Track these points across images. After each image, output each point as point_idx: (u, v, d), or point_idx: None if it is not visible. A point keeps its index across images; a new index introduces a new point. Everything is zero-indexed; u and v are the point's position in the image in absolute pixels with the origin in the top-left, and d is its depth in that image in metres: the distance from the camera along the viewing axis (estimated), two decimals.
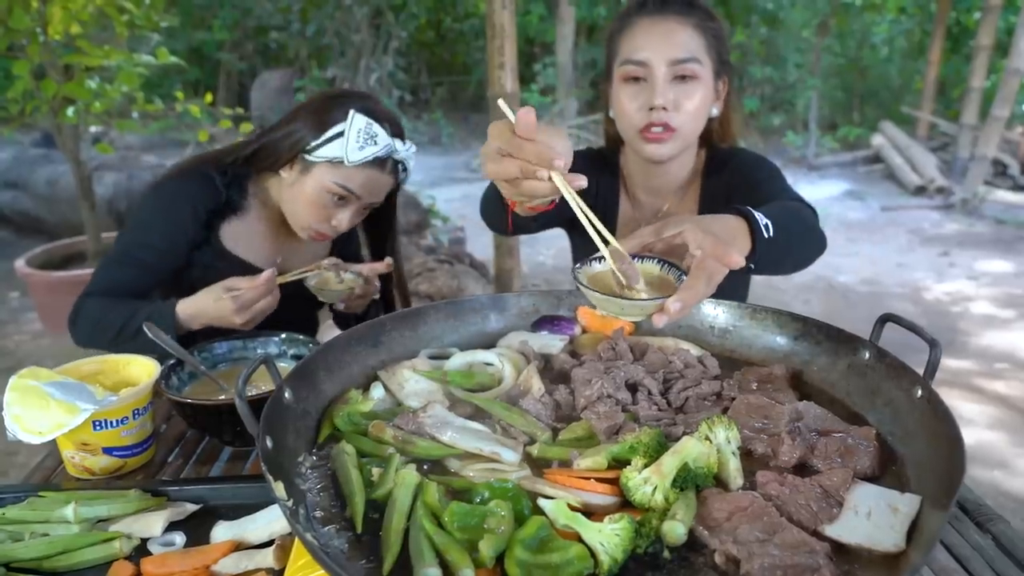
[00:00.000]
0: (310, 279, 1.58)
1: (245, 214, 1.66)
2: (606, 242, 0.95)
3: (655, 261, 1.01)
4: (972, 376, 3.88)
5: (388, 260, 1.63)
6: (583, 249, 1.73)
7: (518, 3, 10.68)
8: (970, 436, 3.29)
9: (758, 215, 1.09)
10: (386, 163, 1.55)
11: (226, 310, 1.41)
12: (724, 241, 0.94)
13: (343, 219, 1.57)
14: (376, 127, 1.50)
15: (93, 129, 4.89)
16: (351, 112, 1.49)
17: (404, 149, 1.57)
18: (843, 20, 11.06)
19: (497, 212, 1.40)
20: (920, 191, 7.59)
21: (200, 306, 1.44)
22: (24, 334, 4.19)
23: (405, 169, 1.62)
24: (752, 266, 1.08)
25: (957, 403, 3.57)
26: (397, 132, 1.56)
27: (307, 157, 1.54)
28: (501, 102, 0.96)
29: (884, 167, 8.58)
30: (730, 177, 1.55)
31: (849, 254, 5.92)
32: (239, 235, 1.65)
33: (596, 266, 1.00)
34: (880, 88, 11.10)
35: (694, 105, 1.45)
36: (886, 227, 6.69)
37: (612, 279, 0.95)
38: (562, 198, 0.95)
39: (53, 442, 1.18)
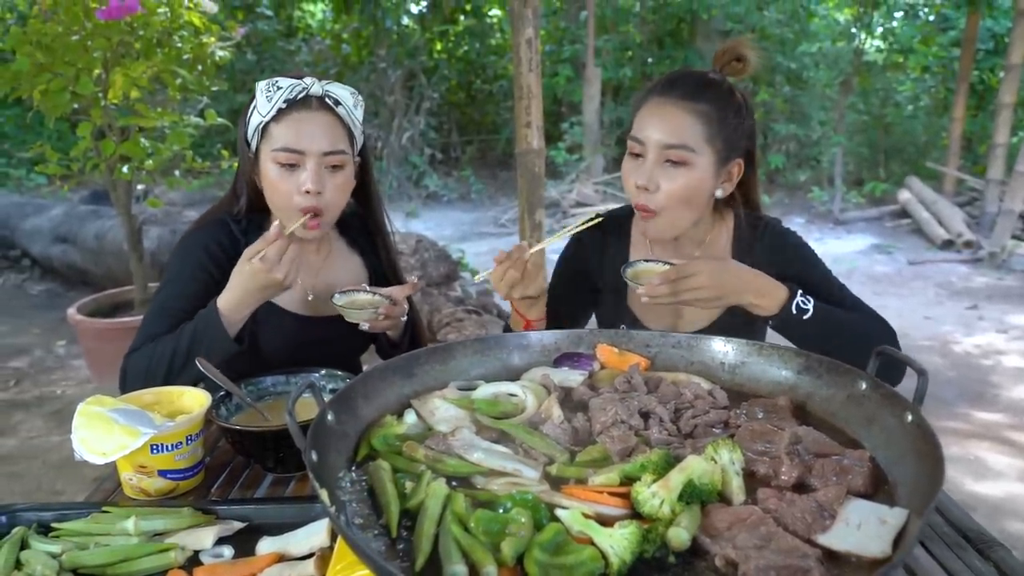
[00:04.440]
0: (337, 298, 1.60)
1: None
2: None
3: (661, 263, 1.49)
4: (1003, 429, 3.85)
5: (414, 280, 1.68)
6: (604, 316, 1.83)
7: (545, 65, 11.08)
8: (1000, 489, 3.26)
9: (801, 299, 1.47)
10: (309, 102, 1.57)
11: (262, 273, 1.44)
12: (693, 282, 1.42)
13: (306, 179, 1.56)
14: (277, 79, 1.57)
15: (140, 186, 5.16)
16: (255, 86, 1.59)
17: (320, 84, 1.59)
18: (866, 79, 11.23)
19: None
20: (947, 245, 7.58)
21: (239, 289, 1.48)
22: (70, 380, 4.37)
23: (339, 103, 1.61)
24: (770, 322, 1.51)
25: (987, 455, 3.55)
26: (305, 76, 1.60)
27: (251, 150, 1.62)
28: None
29: (911, 222, 8.60)
30: (780, 260, 1.64)
31: (876, 308, 5.91)
32: None
33: (640, 264, 1.54)
34: (906, 144, 11.16)
35: (676, 189, 1.52)
36: (913, 281, 6.69)
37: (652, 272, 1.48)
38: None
39: (111, 466, 1.29)
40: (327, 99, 1.60)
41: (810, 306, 1.47)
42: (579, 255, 1.83)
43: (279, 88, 1.56)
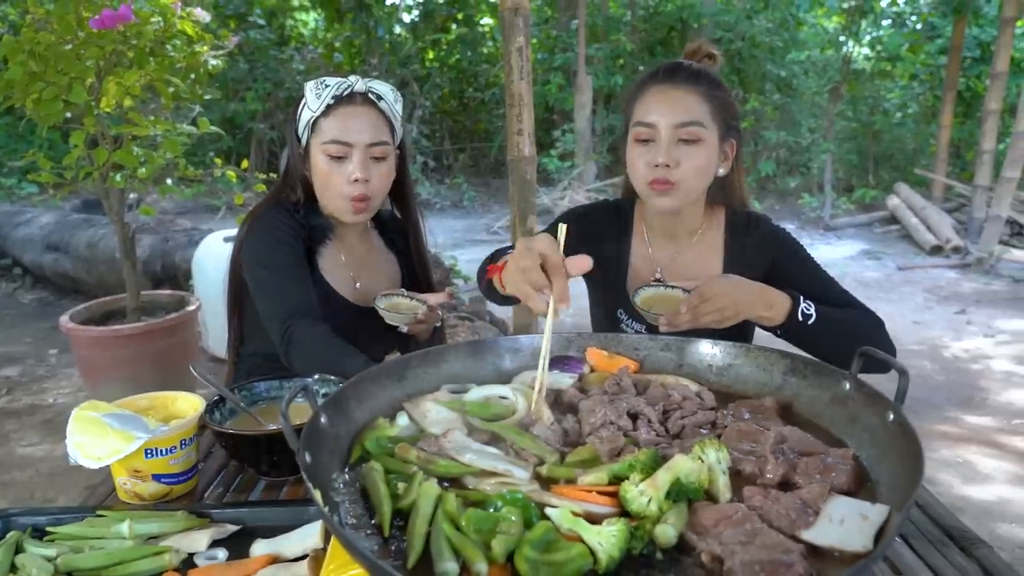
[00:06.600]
0: (380, 301, 1.74)
1: (326, 244, 1.85)
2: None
3: (663, 287, 1.55)
4: (991, 432, 3.88)
5: (449, 290, 1.81)
6: (605, 302, 1.85)
7: (537, 73, 11.12)
8: (990, 492, 3.29)
9: (804, 306, 1.50)
10: (354, 98, 1.70)
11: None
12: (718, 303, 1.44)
13: (354, 170, 1.69)
14: (324, 79, 1.70)
15: (132, 195, 5.16)
16: (304, 86, 1.72)
17: (363, 81, 1.72)
18: (855, 86, 11.33)
19: (482, 276, 1.73)
20: (936, 251, 7.65)
21: None
22: (63, 389, 4.36)
23: (381, 98, 1.74)
24: (777, 331, 1.53)
25: (976, 459, 3.58)
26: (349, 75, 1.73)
27: (302, 145, 1.75)
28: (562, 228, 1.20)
29: (900, 228, 8.67)
30: (771, 255, 1.70)
31: None
32: (326, 263, 1.83)
33: (648, 289, 1.57)
34: (894, 151, 11.27)
35: (695, 163, 1.61)
36: (902, 286, 6.74)
37: (663, 298, 1.54)
38: None
39: (105, 471, 1.30)
40: (370, 94, 1.73)
41: (812, 311, 1.52)
42: (581, 229, 1.73)
43: (327, 86, 1.68)
